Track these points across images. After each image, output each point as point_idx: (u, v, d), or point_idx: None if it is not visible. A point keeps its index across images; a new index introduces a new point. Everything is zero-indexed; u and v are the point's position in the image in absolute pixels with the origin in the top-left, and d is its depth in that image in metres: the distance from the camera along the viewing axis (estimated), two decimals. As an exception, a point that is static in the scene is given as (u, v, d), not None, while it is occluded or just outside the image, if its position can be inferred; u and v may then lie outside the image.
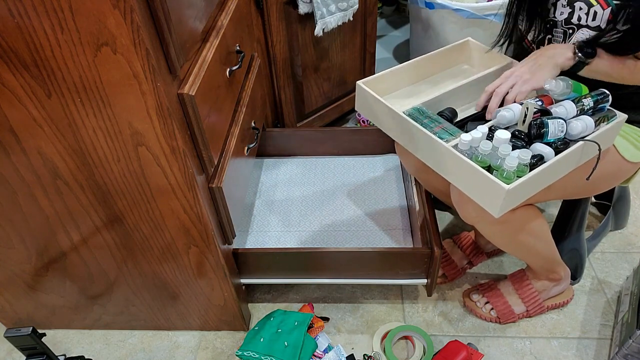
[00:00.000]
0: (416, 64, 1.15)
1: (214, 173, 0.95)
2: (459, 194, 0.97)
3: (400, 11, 2.75)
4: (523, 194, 0.86)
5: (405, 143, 1.00)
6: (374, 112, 1.05)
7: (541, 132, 0.88)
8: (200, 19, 0.86)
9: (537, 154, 0.87)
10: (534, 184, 0.86)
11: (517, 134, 0.91)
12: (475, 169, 0.83)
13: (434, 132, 0.94)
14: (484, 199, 0.85)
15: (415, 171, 1.22)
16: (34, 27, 0.65)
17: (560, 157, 0.86)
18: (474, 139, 0.87)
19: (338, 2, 1.45)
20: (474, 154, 0.87)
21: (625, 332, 1.10)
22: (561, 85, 0.93)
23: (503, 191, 0.79)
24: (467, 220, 1.01)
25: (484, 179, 0.82)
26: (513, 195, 0.82)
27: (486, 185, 0.83)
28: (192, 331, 1.26)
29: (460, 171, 0.88)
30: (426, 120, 0.98)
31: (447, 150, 0.88)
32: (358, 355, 1.18)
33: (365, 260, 1.13)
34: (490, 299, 1.24)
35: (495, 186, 0.81)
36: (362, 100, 1.07)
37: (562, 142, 0.89)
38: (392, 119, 0.99)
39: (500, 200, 0.81)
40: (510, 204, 0.85)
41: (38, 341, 0.95)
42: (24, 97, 0.74)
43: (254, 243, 1.30)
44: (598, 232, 1.41)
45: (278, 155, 1.59)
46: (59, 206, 0.92)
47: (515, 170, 0.81)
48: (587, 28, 0.94)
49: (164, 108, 0.74)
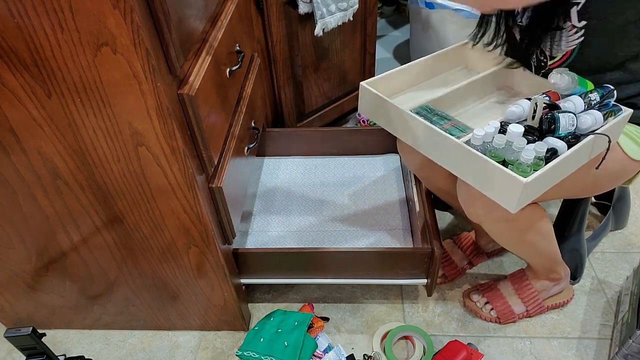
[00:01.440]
0: (418, 65, 1.14)
1: (213, 173, 0.95)
2: (467, 191, 0.97)
3: (400, 11, 2.75)
4: (539, 188, 0.84)
5: (414, 142, 0.98)
6: (378, 112, 1.04)
7: (553, 127, 0.87)
8: (200, 19, 0.86)
9: (551, 147, 0.86)
10: (550, 177, 0.84)
11: (528, 129, 0.89)
12: (491, 163, 0.82)
13: (444, 129, 0.93)
14: (500, 194, 0.84)
15: (417, 169, 1.21)
16: (34, 27, 0.65)
17: (575, 150, 0.85)
18: (487, 134, 0.86)
19: (338, 2, 1.45)
20: (487, 149, 0.86)
21: (625, 332, 1.10)
22: (566, 79, 0.93)
23: (521, 185, 0.78)
24: (474, 218, 1.01)
25: (500, 173, 0.81)
26: (530, 189, 0.80)
27: (502, 179, 0.81)
28: (192, 331, 1.26)
29: (473, 167, 0.86)
30: (435, 117, 0.98)
31: (459, 147, 0.87)
32: (358, 355, 1.18)
33: (365, 260, 1.13)
34: (490, 299, 1.24)
35: (512, 180, 0.79)
36: (366, 101, 1.06)
37: (573, 136, 0.88)
38: (400, 119, 0.98)
39: (518, 194, 0.79)
40: (527, 199, 0.84)
41: (38, 341, 0.95)
42: (24, 97, 0.74)
43: (254, 243, 1.30)
44: (598, 232, 1.41)
45: (278, 155, 1.59)
46: (59, 206, 0.92)
47: (531, 163, 0.80)
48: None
49: (164, 108, 0.74)
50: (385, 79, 1.10)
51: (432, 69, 1.18)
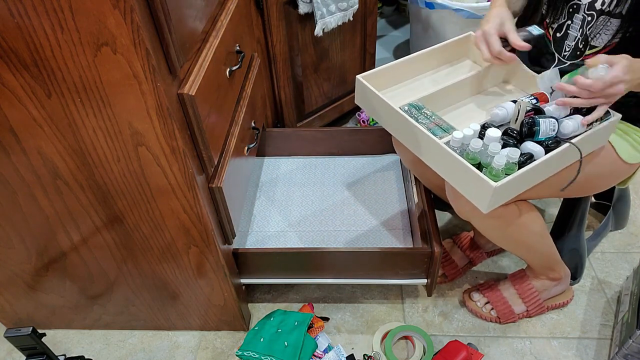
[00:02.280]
0: (417, 59, 1.15)
1: (214, 173, 0.95)
2: (452, 189, 0.98)
3: (400, 11, 2.75)
4: (511, 192, 0.88)
5: (402, 138, 1.02)
6: (372, 106, 1.06)
7: (532, 131, 0.89)
8: (200, 19, 0.86)
9: (527, 152, 0.88)
10: (522, 182, 0.88)
11: (510, 132, 0.92)
12: (465, 165, 0.85)
13: (428, 128, 0.96)
14: (474, 195, 0.88)
15: (411, 165, 1.24)
16: (34, 27, 0.65)
17: (548, 157, 0.87)
18: (465, 137, 0.89)
19: (338, 2, 1.45)
20: (465, 151, 0.89)
21: (625, 332, 1.10)
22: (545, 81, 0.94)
23: (491, 188, 0.82)
24: (461, 214, 1.03)
25: (473, 175, 0.85)
26: (501, 192, 0.84)
27: (475, 181, 0.85)
28: (192, 331, 1.26)
29: (451, 167, 0.90)
30: (421, 116, 1.00)
31: (439, 147, 0.90)
32: (358, 355, 1.18)
33: (365, 260, 1.13)
34: (491, 298, 1.24)
35: (483, 183, 0.83)
36: (361, 94, 1.09)
37: (553, 141, 0.89)
38: (389, 114, 1.01)
39: (488, 197, 0.83)
40: (499, 201, 0.88)
41: (38, 341, 0.95)
42: (24, 97, 0.74)
43: (254, 243, 1.30)
44: (598, 232, 1.41)
45: (278, 155, 1.59)
46: (59, 206, 0.92)
47: (503, 168, 0.83)
48: (609, 15, 0.92)
49: (164, 108, 0.74)
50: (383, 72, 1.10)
51: (432, 62, 1.18)
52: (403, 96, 1.10)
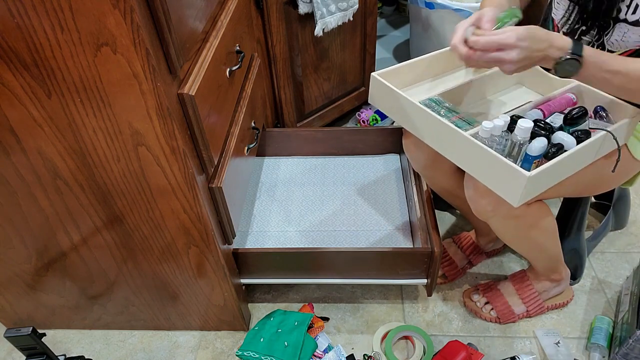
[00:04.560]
0: (433, 59, 1.12)
1: (214, 173, 0.95)
2: (473, 188, 0.96)
3: (400, 11, 2.75)
4: (544, 183, 0.84)
5: (422, 134, 0.98)
6: (389, 103, 1.03)
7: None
8: (200, 19, 0.86)
9: (557, 142, 0.86)
10: (555, 173, 0.84)
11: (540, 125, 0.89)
12: (495, 156, 0.82)
13: (452, 121, 0.92)
14: (504, 188, 0.84)
15: (422, 168, 1.20)
16: (34, 27, 0.65)
17: (582, 147, 0.84)
18: (495, 127, 0.86)
19: (338, 2, 1.45)
20: (494, 143, 0.86)
21: (625, 332, 1.10)
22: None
23: (524, 179, 0.78)
24: (480, 215, 1.00)
25: (504, 167, 0.81)
26: (534, 183, 0.80)
27: (506, 173, 0.81)
28: (192, 331, 1.26)
29: (479, 160, 0.86)
30: (443, 110, 0.97)
31: (465, 140, 0.86)
32: (358, 355, 1.18)
33: (365, 260, 1.13)
34: (491, 299, 1.24)
35: (516, 174, 0.79)
36: (376, 92, 1.05)
37: (583, 131, 0.87)
38: (409, 111, 0.98)
39: (521, 188, 0.80)
40: (531, 193, 0.84)
41: (38, 341, 0.95)
42: (24, 97, 0.74)
43: (254, 243, 1.30)
44: (598, 232, 1.41)
45: (278, 155, 1.59)
46: (59, 206, 0.92)
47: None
48: (625, 22, 0.89)
49: (164, 108, 0.74)
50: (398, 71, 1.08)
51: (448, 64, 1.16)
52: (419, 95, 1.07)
